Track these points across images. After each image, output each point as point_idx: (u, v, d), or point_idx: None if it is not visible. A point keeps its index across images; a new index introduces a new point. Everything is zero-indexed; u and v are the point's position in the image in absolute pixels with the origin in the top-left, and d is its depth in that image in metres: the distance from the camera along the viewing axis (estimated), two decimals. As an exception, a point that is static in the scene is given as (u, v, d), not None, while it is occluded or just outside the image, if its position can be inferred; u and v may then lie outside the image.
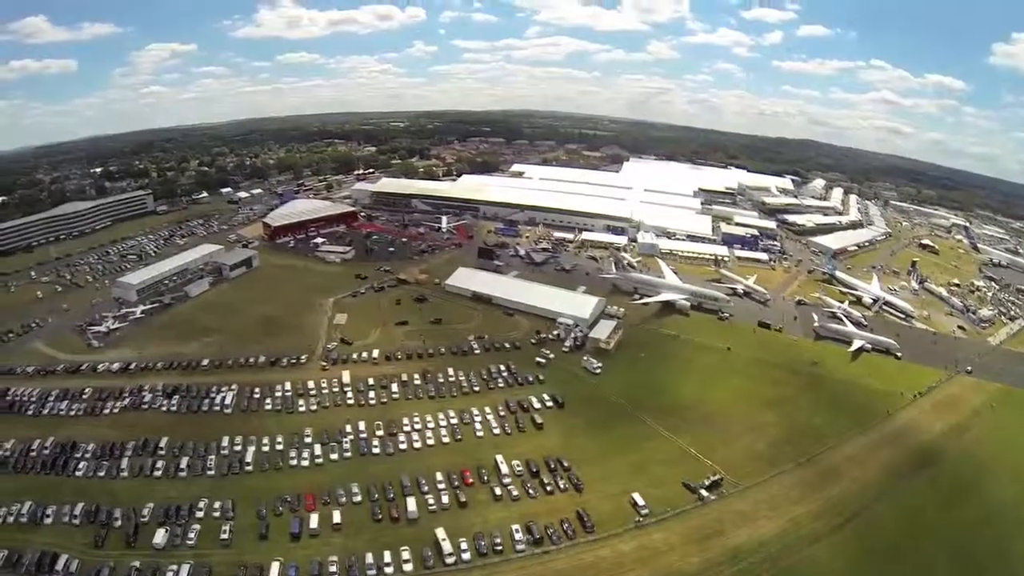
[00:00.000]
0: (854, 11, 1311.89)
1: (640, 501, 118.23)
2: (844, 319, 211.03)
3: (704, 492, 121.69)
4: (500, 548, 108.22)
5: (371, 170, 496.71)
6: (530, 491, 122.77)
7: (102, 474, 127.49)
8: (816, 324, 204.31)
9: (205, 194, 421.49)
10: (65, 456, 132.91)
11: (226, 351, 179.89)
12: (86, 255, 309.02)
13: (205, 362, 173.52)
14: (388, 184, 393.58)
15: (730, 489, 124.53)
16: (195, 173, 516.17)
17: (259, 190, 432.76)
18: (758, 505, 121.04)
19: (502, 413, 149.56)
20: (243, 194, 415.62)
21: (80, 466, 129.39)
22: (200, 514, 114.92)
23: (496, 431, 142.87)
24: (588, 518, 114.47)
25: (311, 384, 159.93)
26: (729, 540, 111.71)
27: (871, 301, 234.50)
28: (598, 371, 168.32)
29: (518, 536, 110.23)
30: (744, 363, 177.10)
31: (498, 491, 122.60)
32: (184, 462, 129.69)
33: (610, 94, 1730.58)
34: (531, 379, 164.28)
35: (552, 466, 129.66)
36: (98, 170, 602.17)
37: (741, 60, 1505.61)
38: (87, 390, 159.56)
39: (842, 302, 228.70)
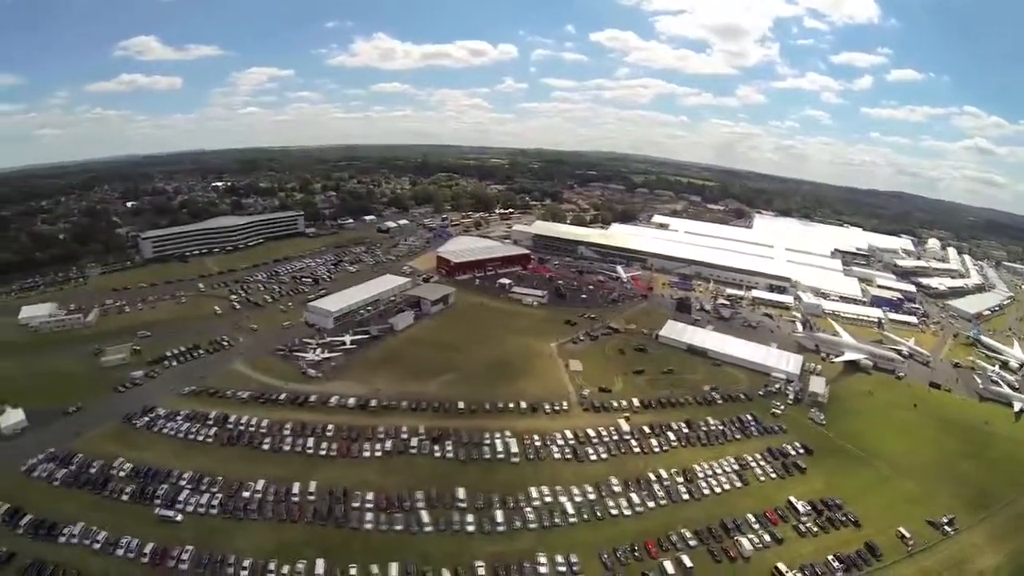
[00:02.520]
0: (948, 55, 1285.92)
1: (907, 534, 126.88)
2: (1001, 382, 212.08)
3: (947, 528, 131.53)
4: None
5: (510, 210, 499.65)
6: (822, 527, 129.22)
7: (399, 528, 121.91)
8: (981, 387, 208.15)
9: (351, 220, 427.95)
10: (342, 505, 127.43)
11: (473, 393, 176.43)
12: (251, 272, 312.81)
13: (461, 405, 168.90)
14: (546, 227, 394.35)
15: (961, 526, 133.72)
16: (324, 197, 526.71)
17: (405, 221, 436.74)
18: (985, 539, 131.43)
19: (769, 459, 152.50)
20: (391, 224, 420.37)
21: (367, 518, 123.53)
22: (544, 569, 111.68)
23: (773, 475, 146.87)
24: (878, 548, 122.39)
25: (591, 432, 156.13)
26: (975, 565, 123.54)
27: (1017, 365, 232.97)
28: (823, 422, 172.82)
29: (835, 565, 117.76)
30: (931, 419, 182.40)
31: (802, 528, 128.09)
32: (499, 515, 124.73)
33: (695, 138, 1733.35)
34: (775, 428, 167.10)
35: (829, 504, 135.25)
36: (219, 184, 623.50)
37: (829, 106, 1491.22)
38: (329, 427, 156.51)
39: (992, 365, 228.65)
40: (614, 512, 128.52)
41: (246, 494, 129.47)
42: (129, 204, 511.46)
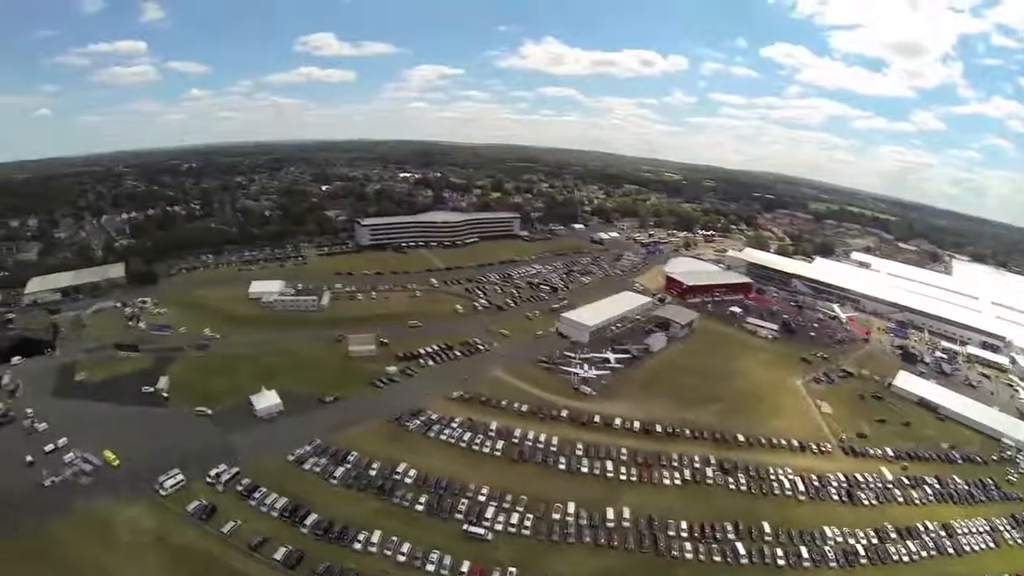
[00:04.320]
0: None
1: None
2: None
3: None
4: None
5: (711, 232, 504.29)
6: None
7: (717, 559, 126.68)
8: None
9: (561, 227, 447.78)
10: (654, 533, 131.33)
11: (746, 425, 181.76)
12: (481, 272, 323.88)
13: (740, 437, 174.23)
14: (759, 257, 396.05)
15: None
16: (522, 199, 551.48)
17: (615, 233, 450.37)
18: None
19: (1015, 525, 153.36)
20: (603, 235, 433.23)
21: (686, 547, 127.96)
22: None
23: (1020, 542, 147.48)
24: None
25: (859, 476, 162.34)
26: None
27: None
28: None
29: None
30: None
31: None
32: (803, 551, 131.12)
33: (865, 164, 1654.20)
34: (1015, 496, 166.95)
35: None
36: (406, 175, 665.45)
37: (1016, 135, 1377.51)
38: (623, 450, 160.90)
39: None
40: (895, 558, 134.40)
41: (556, 516, 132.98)
42: (324, 187, 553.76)
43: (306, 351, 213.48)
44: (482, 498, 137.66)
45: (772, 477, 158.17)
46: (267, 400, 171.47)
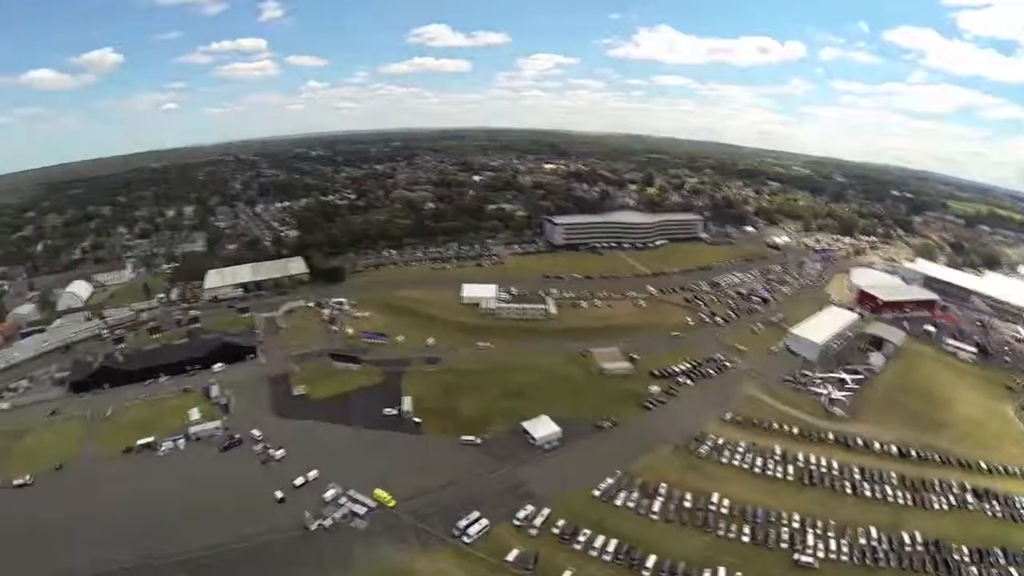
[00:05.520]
0: None
1: None
2: None
3: None
4: None
5: (872, 238, 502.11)
6: None
7: None
8: None
9: (734, 229, 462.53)
10: (944, 557, 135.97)
11: (985, 452, 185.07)
12: (690, 279, 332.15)
13: (983, 464, 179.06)
14: (936, 270, 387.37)
15: None
16: (680, 197, 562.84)
17: (786, 237, 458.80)
18: None
19: None
20: (778, 240, 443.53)
21: (972, 572, 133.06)
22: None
23: None
24: None
25: None
26: None
27: None
28: None
29: None
30: None
31: None
32: None
33: (997, 157, 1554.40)
34: None
35: None
36: (552, 166, 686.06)
37: None
38: (892, 474, 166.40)
39: None
40: None
41: (863, 541, 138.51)
42: (476, 178, 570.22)
43: (550, 366, 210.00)
44: (796, 525, 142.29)
45: (1019, 505, 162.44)
46: (544, 427, 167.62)
